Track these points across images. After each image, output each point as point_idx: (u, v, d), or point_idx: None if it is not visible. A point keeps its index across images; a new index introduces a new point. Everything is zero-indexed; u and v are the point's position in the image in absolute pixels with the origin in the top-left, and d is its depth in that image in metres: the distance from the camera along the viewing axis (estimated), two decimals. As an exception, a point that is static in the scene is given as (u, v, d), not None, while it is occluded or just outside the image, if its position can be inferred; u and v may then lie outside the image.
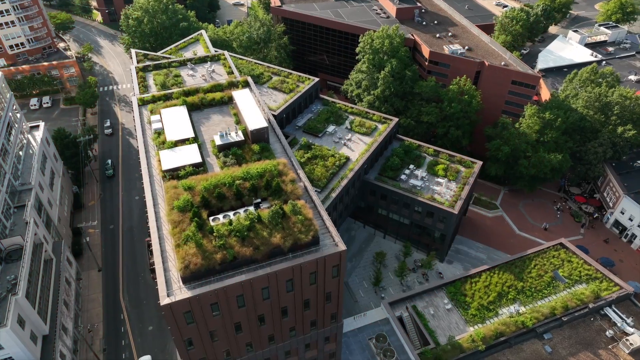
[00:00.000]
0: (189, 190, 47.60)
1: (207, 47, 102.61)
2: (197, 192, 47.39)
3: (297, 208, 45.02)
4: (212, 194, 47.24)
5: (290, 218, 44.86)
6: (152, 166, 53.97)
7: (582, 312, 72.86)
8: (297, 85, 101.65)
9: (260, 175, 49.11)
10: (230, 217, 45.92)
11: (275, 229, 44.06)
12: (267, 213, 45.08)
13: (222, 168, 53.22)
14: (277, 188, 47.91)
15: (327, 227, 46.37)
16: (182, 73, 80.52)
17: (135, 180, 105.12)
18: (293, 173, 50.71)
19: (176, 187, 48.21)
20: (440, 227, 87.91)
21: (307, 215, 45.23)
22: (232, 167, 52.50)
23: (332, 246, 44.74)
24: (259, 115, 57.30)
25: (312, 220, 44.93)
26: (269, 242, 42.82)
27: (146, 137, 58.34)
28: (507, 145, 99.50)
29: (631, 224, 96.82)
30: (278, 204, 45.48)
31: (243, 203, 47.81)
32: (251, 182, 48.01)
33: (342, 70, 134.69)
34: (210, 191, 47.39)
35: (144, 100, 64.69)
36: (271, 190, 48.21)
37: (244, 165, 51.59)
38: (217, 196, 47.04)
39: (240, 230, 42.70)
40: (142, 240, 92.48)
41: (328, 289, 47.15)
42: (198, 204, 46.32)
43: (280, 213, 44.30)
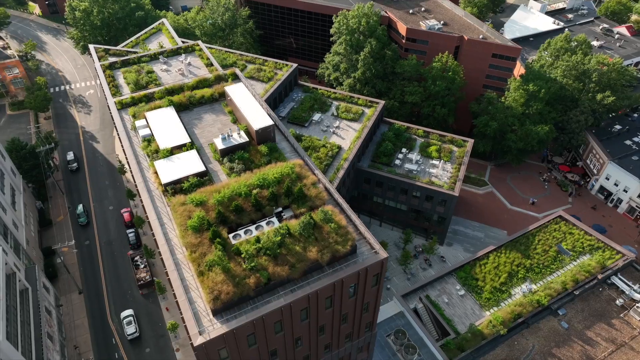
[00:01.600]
0: (201, 205, 41.75)
1: (171, 37, 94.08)
2: (211, 207, 41.63)
3: (329, 215, 40.30)
4: (229, 208, 41.66)
5: (323, 227, 40.15)
6: (148, 180, 47.33)
7: (592, 283, 72.90)
8: (275, 73, 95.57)
9: (278, 180, 43.85)
10: (252, 232, 40.65)
11: (308, 241, 39.25)
12: (296, 224, 40.11)
13: (229, 176, 47.42)
14: (300, 194, 42.90)
15: (361, 232, 41.99)
16: (154, 69, 72.57)
17: (107, 188, 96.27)
18: (312, 175, 45.77)
19: (185, 203, 42.19)
20: (439, 211, 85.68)
21: (340, 222, 40.67)
22: (242, 173, 46.80)
23: (372, 254, 40.53)
24: (261, 112, 51.55)
25: (347, 228, 40.45)
26: (304, 258, 38.02)
27: (133, 146, 51.30)
28: (495, 120, 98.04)
29: (617, 189, 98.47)
30: (307, 213, 40.55)
31: (263, 214, 42.56)
32: (270, 190, 42.69)
33: (313, 53, 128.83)
34: (225, 205, 41.77)
35: (123, 103, 57.17)
36: (293, 197, 43.16)
37: (255, 171, 46.06)
38: (235, 210, 41.52)
39: (271, 247, 37.59)
40: (123, 254, 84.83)
41: (367, 299, 43.18)
42: (215, 221, 40.64)
43: (312, 223, 39.47)
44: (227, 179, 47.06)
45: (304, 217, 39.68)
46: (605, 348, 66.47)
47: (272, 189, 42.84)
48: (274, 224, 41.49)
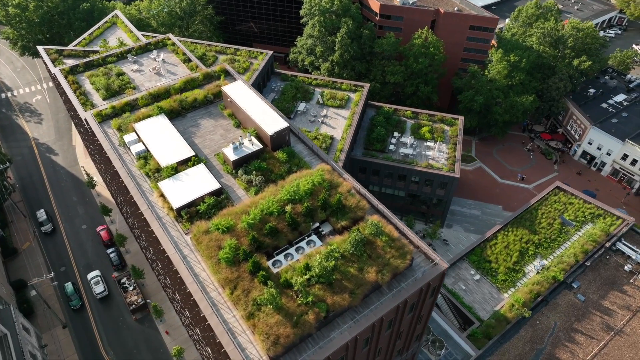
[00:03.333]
0: (229, 232, 35.93)
1: (130, 31, 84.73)
2: (241, 232, 35.95)
3: (380, 228, 35.67)
4: (262, 231, 36.12)
5: (374, 242, 35.55)
6: (154, 205, 40.65)
7: (600, 252, 73.01)
8: (251, 63, 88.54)
9: (311, 192, 38.58)
10: (293, 256, 35.48)
11: (361, 260, 34.59)
12: (346, 243, 35.23)
13: (247, 191, 41.58)
14: (339, 205, 37.93)
15: (413, 242, 37.69)
16: (124, 69, 64.19)
17: (75, 205, 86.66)
18: (344, 180, 40.81)
19: (209, 231, 36.23)
20: (440, 194, 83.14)
21: (392, 234, 36.23)
22: (262, 187, 41.11)
23: (430, 265, 36.46)
24: (273, 114, 45.63)
25: (402, 240, 36.06)
26: (363, 281, 33.39)
27: (127, 166, 44.08)
28: (480, 94, 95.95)
29: (600, 152, 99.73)
30: (354, 228, 35.76)
31: (300, 232, 37.36)
32: (305, 205, 37.42)
33: (280, 37, 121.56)
34: (257, 227, 36.18)
35: (103, 115, 49.23)
36: (331, 209, 38.13)
37: (280, 183, 40.48)
38: (270, 232, 36.05)
39: (325, 275, 32.61)
40: (106, 277, 76.70)
41: (422, 312, 39.28)
42: (250, 249, 35.05)
43: (364, 239, 34.73)
44: (246, 195, 41.25)
45: (354, 233, 34.86)
46: (622, 316, 66.72)
47: (307, 203, 37.58)
48: (315, 243, 36.48)
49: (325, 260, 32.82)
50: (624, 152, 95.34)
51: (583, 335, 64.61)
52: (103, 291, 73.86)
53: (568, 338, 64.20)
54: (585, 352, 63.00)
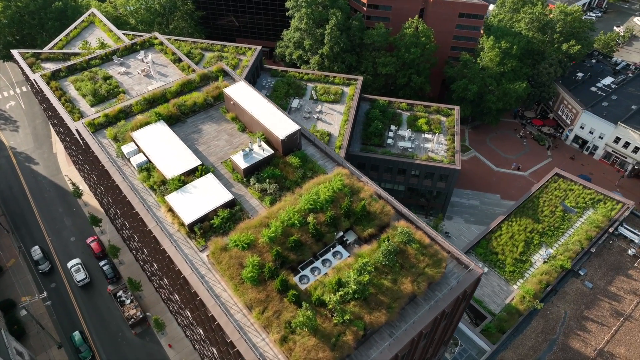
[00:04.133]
0: (249, 248, 33.41)
1: (109, 30, 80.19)
2: (263, 247, 33.47)
3: (411, 235, 33.69)
4: (285, 245, 33.73)
5: (406, 250, 33.56)
6: (163, 221, 37.72)
7: (604, 238, 72.99)
8: (239, 59, 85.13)
9: (332, 199, 36.29)
10: (320, 270, 33.26)
11: (394, 271, 32.60)
12: (375, 253, 33.16)
13: (261, 200, 39.01)
14: (364, 212, 35.78)
15: (443, 247, 35.83)
16: (111, 73, 60.35)
17: (62, 217, 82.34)
18: (364, 184, 38.63)
19: (227, 248, 33.64)
20: (440, 186, 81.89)
21: (423, 240, 34.29)
22: (277, 195, 38.61)
23: (463, 271, 34.73)
24: (282, 116, 43.01)
25: (434, 247, 34.18)
26: (400, 294, 31.42)
27: (128, 179, 40.89)
28: (473, 83, 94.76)
29: (592, 136, 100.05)
30: (383, 237, 33.69)
31: (324, 243, 35.11)
32: (329, 213, 35.14)
33: (264, 31, 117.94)
34: (280, 241, 33.75)
35: (95, 125, 45.66)
36: (355, 216, 35.95)
37: (297, 191, 38.06)
38: (294, 246, 33.68)
39: (360, 290, 30.48)
40: (101, 291, 73.19)
41: (455, 319, 37.66)
42: (275, 266, 32.65)
43: (396, 249, 32.70)
44: (261, 205, 38.69)
45: (385, 243, 32.76)
46: (630, 301, 66.83)
47: (330, 212, 35.29)
48: (342, 255, 34.31)
49: (358, 274, 30.65)
50: (617, 135, 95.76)
51: (594, 323, 64.43)
52: (84, 278, 72.81)
53: (579, 326, 63.94)
54: (597, 339, 62.83)
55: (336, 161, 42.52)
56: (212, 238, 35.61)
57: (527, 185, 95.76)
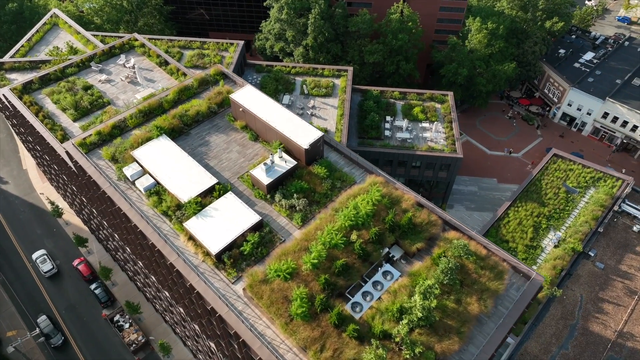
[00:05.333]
0: (292, 277, 29.75)
1: (76, 32, 73.47)
2: (307, 275, 29.89)
3: (468, 249, 30.80)
4: (331, 270, 30.25)
5: (465, 266, 30.69)
6: (184, 252, 33.44)
7: (609, 217, 72.80)
8: (222, 56, 79.79)
9: (373, 213, 32.94)
10: (372, 295, 30.02)
11: (455, 290, 29.70)
12: (429, 270, 30.14)
13: (290, 218, 35.24)
14: (410, 225, 32.62)
15: (498, 256, 33.12)
16: (90, 81, 54.48)
17: (41, 239, 75.78)
18: (403, 192, 35.42)
19: (267, 279, 29.87)
20: (442, 176, 79.80)
21: (479, 251, 31.51)
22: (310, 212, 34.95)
23: (520, 279, 32.23)
24: (300, 122, 39.13)
25: (493, 258, 31.42)
26: (467, 316, 28.58)
27: (136, 206, 36.18)
28: (463, 66, 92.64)
29: (580, 113, 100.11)
30: (439, 253, 30.65)
31: (370, 263, 31.82)
32: (374, 230, 31.79)
33: (239, 23, 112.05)
34: (325, 267, 30.24)
35: (88, 145, 40.39)
36: (401, 230, 32.75)
37: (331, 206, 34.50)
38: (342, 271, 30.23)
39: (426, 317, 27.43)
40: (96, 316, 67.81)
41: (510, 329, 35.19)
42: (325, 296, 29.14)
43: (457, 266, 29.75)
44: (291, 224, 34.93)
45: (444, 260, 29.74)
46: (642, 278, 66.95)
47: (375, 228, 31.95)
48: (393, 275, 31.15)
49: (424, 299, 27.56)
50: (605, 110, 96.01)
51: (610, 304, 64.10)
52: (52, 269, 71.15)
53: (596, 309, 63.48)
54: (615, 321, 62.51)
55: (363, 167, 39.05)
56: (244, 268, 31.72)
57: (522, 166, 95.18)
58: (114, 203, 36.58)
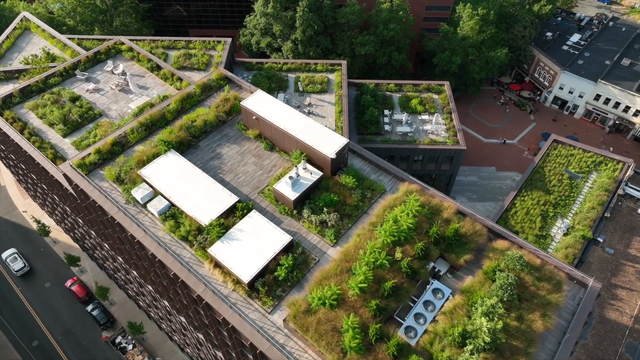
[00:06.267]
0: (338, 304, 27.13)
1: (51, 37, 68.41)
2: (355, 301, 27.30)
3: (524, 260, 28.70)
4: (380, 292, 27.75)
5: (521, 279, 28.59)
6: (210, 281, 30.36)
7: (614, 201, 72.50)
8: (210, 56, 75.65)
9: (415, 226, 30.49)
10: (425, 317, 27.67)
11: (514, 306, 27.62)
12: (483, 286, 27.96)
13: (322, 235, 32.49)
14: (455, 237, 30.32)
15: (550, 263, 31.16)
16: (77, 92, 50.11)
17: (28, 260, 70.93)
18: (444, 200, 33.07)
19: (311, 309, 27.18)
20: (445, 168, 78.10)
21: (532, 261, 29.46)
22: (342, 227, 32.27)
23: (575, 287, 30.37)
24: (321, 128, 36.33)
25: (547, 266, 29.44)
26: (533, 335, 26.52)
27: (150, 232, 32.76)
28: (456, 54, 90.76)
29: (572, 96, 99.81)
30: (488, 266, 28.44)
31: (416, 280, 29.45)
32: (419, 245, 29.38)
33: (220, 19, 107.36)
34: (372, 290, 27.71)
35: (88, 165, 36.53)
36: (445, 243, 30.45)
37: (368, 221, 31.88)
38: (391, 293, 27.76)
39: (491, 340, 25.23)
40: (95, 340, 63.93)
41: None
42: (378, 323, 26.65)
43: (517, 280, 27.63)
44: (323, 241, 32.20)
45: (502, 275, 27.57)
46: (651, 261, 66.88)
47: (420, 243, 29.53)
48: (444, 293, 28.87)
49: (489, 320, 25.33)
50: (597, 92, 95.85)
51: (623, 290, 63.77)
52: (23, 267, 69.45)
53: (610, 295, 63.06)
54: (630, 306, 62.23)
55: (392, 173, 36.52)
56: (280, 295, 28.91)
57: (519, 153, 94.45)
58: (125, 230, 33.10)
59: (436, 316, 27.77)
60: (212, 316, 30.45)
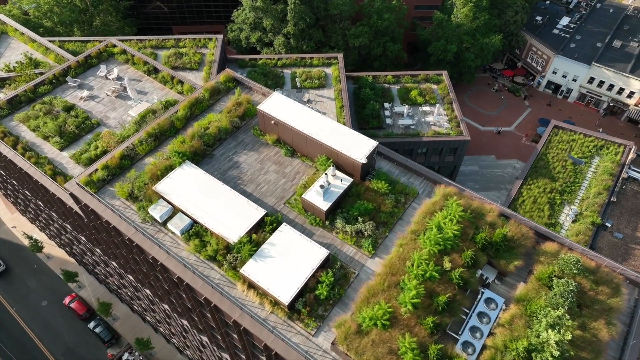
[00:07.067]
0: (392, 323, 25.24)
1: (31, 40, 64.43)
2: (408, 319, 25.45)
3: (581, 264, 27.22)
4: (432, 307, 25.96)
5: (580, 284, 27.14)
6: (245, 304, 28.09)
7: (619, 184, 72.35)
8: (202, 54, 72.37)
9: (460, 232, 28.73)
10: (482, 330, 26.05)
11: (574, 313, 26.16)
12: (537, 294, 26.44)
13: (359, 246, 30.49)
14: (504, 241, 28.68)
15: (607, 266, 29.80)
16: (71, 100, 46.72)
17: (22, 278, 67.28)
18: (484, 203, 31.35)
19: (363, 330, 25.20)
20: (449, 160, 76.83)
21: (587, 264, 28.02)
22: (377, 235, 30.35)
23: (630, 287, 29.09)
24: (347, 131, 34.08)
25: (603, 269, 28.01)
26: (600, 345, 25.09)
27: (172, 253, 30.22)
28: (451, 42, 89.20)
29: (565, 80, 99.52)
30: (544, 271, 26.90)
31: (465, 290, 27.77)
32: (468, 253, 27.66)
33: (205, 14, 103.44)
34: (425, 305, 25.89)
35: (96, 183, 33.58)
36: (493, 249, 28.79)
37: (408, 230, 29.98)
38: (446, 308, 25.99)
39: (560, 354, 23.70)
40: (100, 358, 60.95)
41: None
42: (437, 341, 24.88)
43: (577, 287, 26.13)
44: (360, 253, 30.21)
45: (561, 282, 26.04)
46: (660, 243, 66.95)
47: (469, 251, 27.80)
48: (497, 303, 27.23)
49: (557, 333, 23.77)
50: (591, 75, 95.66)
51: (635, 274, 63.68)
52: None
53: (623, 281, 62.86)
54: (644, 290, 62.08)
55: (423, 175, 34.60)
56: (323, 314, 26.87)
57: (517, 139, 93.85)
58: (145, 252, 30.47)
59: (492, 329, 26.15)
60: (250, 342, 28.26)
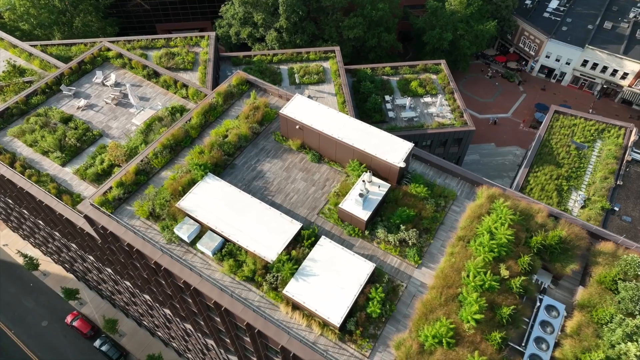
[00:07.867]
0: (457, 341, 23.61)
1: (12, 45, 60.34)
2: (472, 335, 23.89)
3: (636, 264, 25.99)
4: (497, 321, 24.40)
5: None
6: (291, 328, 26.09)
7: (624, 167, 72.30)
8: (195, 53, 69.21)
9: (514, 237, 27.18)
10: (548, 342, 24.64)
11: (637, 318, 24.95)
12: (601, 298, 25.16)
13: (404, 257, 28.74)
14: (559, 244, 27.27)
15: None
16: (68, 111, 43.50)
17: (19, 298, 63.77)
18: (532, 204, 29.86)
19: (425, 350, 23.56)
20: (454, 151, 75.61)
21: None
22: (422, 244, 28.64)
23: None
24: (378, 133, 32.07)
25: (664, 267, 26.86)
26: (670, 349, 23.88)
27: (205, 276, 27.93)
28: (446, 30, 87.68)
29: (559, 64, 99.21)
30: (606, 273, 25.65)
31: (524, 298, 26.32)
32: (526, 259, 26.16)
33: (189, 10, 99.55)
34: (487, 318, 24.34)
35: (112, 202, 30.89)
36: (548, 252, 27.37)
37: (455, 236, 28.29)
38: (510, 320, 24.47)
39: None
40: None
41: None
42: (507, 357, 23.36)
43: (642, 289, 24.93)
44: (405, 263, 28.45)
45: (628, 286, 24.75)
46: (667, 225, 67.12)
47: (527, 257, 26.31)
48: (559, 311, 25.86)
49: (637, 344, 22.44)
50: (584, 58, 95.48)
51: (646, 257, 63.68)
52: None
53: None
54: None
55: (459, 175, 32.91)
56: (375, 333, 25.10)
57: (515, 126, 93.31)
58: (175, 277, 28.10)
59: (557, 338, 24.77)
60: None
